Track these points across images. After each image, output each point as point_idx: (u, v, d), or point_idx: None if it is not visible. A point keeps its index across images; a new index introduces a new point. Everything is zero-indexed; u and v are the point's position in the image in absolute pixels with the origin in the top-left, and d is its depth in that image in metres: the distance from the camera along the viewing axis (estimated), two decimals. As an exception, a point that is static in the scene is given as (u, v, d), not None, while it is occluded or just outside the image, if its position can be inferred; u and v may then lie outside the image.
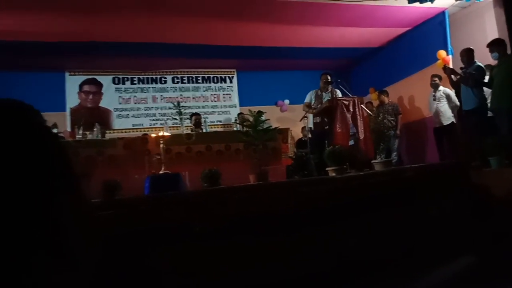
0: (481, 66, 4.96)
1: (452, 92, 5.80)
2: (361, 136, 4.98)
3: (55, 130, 5.01)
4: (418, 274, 2.65)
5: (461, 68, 5.16)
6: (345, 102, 5.24)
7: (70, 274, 0.37)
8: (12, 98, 0.44)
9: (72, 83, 7.99)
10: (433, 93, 6.09)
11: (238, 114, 8.21)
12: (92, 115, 7.59)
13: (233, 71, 9.03)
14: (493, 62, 4.92)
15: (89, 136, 5.03)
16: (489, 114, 4.90)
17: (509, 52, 4.81)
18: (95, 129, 4.87)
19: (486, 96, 4.95)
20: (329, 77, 5.72)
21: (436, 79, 6.04)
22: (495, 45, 4.74)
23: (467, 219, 3.44)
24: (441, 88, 6.03)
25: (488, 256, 2.82)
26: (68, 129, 7.20)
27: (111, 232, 2.22)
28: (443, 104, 5.96)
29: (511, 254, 2.73)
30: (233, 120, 8.26)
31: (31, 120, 0.42)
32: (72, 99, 7.93)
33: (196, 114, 6.72)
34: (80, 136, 4.72)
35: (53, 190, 0.39)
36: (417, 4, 5.79)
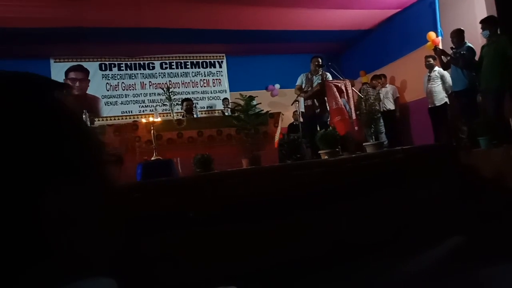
0: (471, 47, 4.96)
1: (447, 73, 5.79)
2: (354, 117, 4.98)
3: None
4: (409, 255, 2.69)
5: (451, 48, 5.15)
6: (336, 84, 5.23)
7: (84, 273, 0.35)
8: (26, 72, 0.40)
9: (58, 70, 7.81)
10: (428, 74, 6.10)
11: (223, 100, 8.16)
12: (80, 102, 7.46)
13: (223, 56, 8.91)
14: (481, 44, 4.92)
15: (78, 124, 4.93)
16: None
17: (498, 32, 4.80)
18: (83, 116, 4.78)
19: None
20: (320, 60, 5.69)
21: (430, 59, 6.03)
22: (487, 23, 4.68)
23: (456, 200, 3.50)
24: (436, 68, 6.00)
25: (477, 236, 2.88)
26: (56, 117, 7.05)
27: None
28: (438, 84, 5.96)
29: (498, 234, 2.79)
30: (221, 106, 8.21)
31: (46, 98, 0.38)
32: (59, 86, 7.76)
33: (188, 99, 6.64)
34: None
35: (72, 179, 0.36)
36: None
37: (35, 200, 0.33)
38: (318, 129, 4.92)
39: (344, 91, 5.07)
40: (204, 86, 8.76)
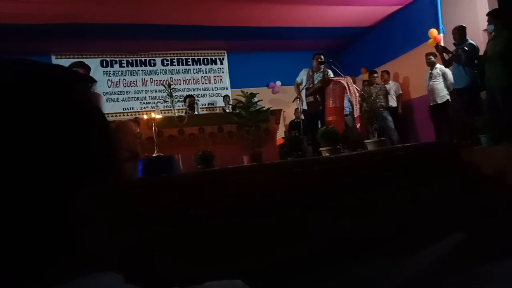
0: (473, 44, 4.94)
1: (448, 70, 5.78)
2: (356, 114, 4.98)
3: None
4: (410, 252, 2.69)
5: (454, 44, 5.13)
6: (337, 81, 5.23)
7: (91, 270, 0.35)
8: (48, 63, 0.39)
9: (59, 66, 7.81)
10: (430, 71, 6.08)
11: (224, 96, 8.16)
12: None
13: (224, 53, 8.90)
14: (483, 41, 4.89)
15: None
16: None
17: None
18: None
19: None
20: (322, 57, 5.68)
21: (431, 57, 6.01)
22: (494, 16, 4.63)
23: (458, 197, 3.50)
24: (437, 65, 5.99)
25: (478, 233, 2.88)
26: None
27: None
28: (440, 82, 5.95)
29: (500, 231, 2.79)
30: (222, 103, 8.21)
31: (69, 92, 0.37)
32: (60, 83, 7.76)
33: (190, 96, 6.65)
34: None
35: (91, 178, 0.36)
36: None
37: (60, 196, 0.33)
38: (320, 126, 4.92)
39: (346, 88, 5.07)
40: (205, 83, 8.76)
